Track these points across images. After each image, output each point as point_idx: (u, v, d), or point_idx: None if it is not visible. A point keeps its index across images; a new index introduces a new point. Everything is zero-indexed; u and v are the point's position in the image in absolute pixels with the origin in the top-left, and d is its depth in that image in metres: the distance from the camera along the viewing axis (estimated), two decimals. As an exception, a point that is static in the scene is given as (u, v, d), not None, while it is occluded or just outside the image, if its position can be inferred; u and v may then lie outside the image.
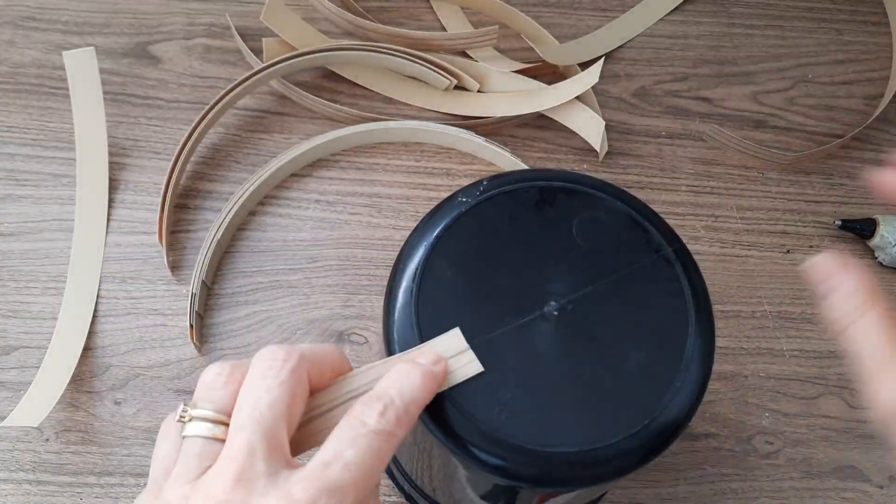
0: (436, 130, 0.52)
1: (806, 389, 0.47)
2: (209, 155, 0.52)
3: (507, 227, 0.31)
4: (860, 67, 0.58)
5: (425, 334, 0.29)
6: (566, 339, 0.29)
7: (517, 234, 0.31)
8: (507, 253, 0.30)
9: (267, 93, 0.55)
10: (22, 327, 0.47)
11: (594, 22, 0.59)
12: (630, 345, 0.29)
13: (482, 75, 0.54)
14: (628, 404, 0.28)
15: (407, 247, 0.31)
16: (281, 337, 0.47)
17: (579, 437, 0.27)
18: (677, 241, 0.31)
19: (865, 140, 0.55)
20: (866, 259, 0.51)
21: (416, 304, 0.29)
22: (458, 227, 0.31)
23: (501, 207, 0.31)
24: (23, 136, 0.52)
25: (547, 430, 0.27)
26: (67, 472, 0.44)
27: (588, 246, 0.30)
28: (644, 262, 0.30)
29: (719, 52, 0.58)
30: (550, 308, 0.29)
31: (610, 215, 0.31)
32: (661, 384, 0.28)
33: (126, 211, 0.51)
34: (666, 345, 0.29)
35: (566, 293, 0.29)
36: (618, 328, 0.29)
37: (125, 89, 0.54)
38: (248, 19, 0.56)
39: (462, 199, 0.32)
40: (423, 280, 0.30)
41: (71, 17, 0.57)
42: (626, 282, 0.30)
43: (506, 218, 0.31)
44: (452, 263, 0.30)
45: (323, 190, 0.52)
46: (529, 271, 0.30)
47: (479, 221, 0.31)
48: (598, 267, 0.30)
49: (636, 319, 0.29)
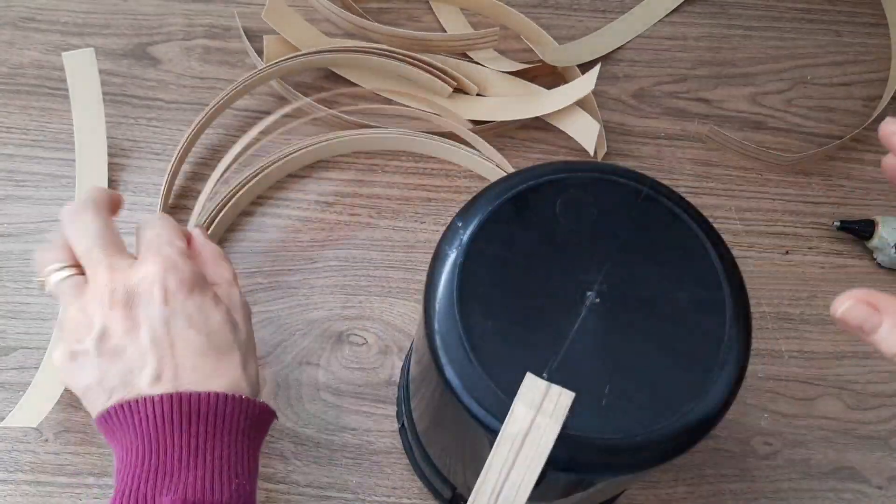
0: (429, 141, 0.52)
1: (805, 390, 0.47)
2: (208, 156, 0.52)
3: (539, 221, 0.31)
4: (859, 69, 0.58)
5: (472, 341, 0.29)
6: (605, 329, 0.29)
7: (550, 228, 0.31)
8: (542, 247, 0.30)
9: (266, 94, 0.55)
10: (21, 328, 0.47)
11: (593, 23, 0.59)
12: (668, 335, 0.29)
13: (481, 78, 0.54)
14: (667, 393, 0.28)
15: (440, 251, 0.31)
16: (280, 337, 0.47)
17: (619, 424, 0.27)
18: (713, 232, 0.31)
19: (864, 141, 0.55)
20: (865, 260, 0.51)
21: (459, 310, 0.29)
22: (490, 226, 0.31)
23: (531, 202, 0.31)
24: (22, 136, 0.52)
25: (585, 418, 0.27)
26: (66, 473, 0.44)
27: (624, 237, 0.31)
28: (679, 250, 0.30)
29: (718, 54, 0.58)
30: (590, 298, 0.29)
31: (644, 205, 0.31)
32: (699, 373, 0.28)
33: (125, 212, 0.50)
34: (704, 334, 0.29)
35: (603, 283, 0.29)
36: (655, 318, 0.29)
37: (124, 90, 0.54)
38: (247, 20, 0.56)
39: (489, 198, 0.32)
40: (462, 284, 0.30)
41: (70, 18, 0.57)
42: (663, 271, 0.30)
43: (537, 212, 0.31)
44: (489, 263, 0.30)
45: (322, 191, 0.52)
46: (565, 263, 0.30)
47: (509, 218, 0.31)
48: (635, 257, 0.30)
49: (673, 309, 0.29)
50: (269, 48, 0.53)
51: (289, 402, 0.46)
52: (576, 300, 0.29)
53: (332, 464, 0.45)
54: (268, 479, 0.44)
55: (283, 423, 0.45)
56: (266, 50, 0.53)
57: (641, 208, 0.31)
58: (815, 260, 0.51)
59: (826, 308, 0.50)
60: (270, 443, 0.45)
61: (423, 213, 0.51)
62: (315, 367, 0.47)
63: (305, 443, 0.45)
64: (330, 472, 0.44)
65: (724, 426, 0.46)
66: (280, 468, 0.44)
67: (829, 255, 0.52)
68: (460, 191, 0.52)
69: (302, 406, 0.46)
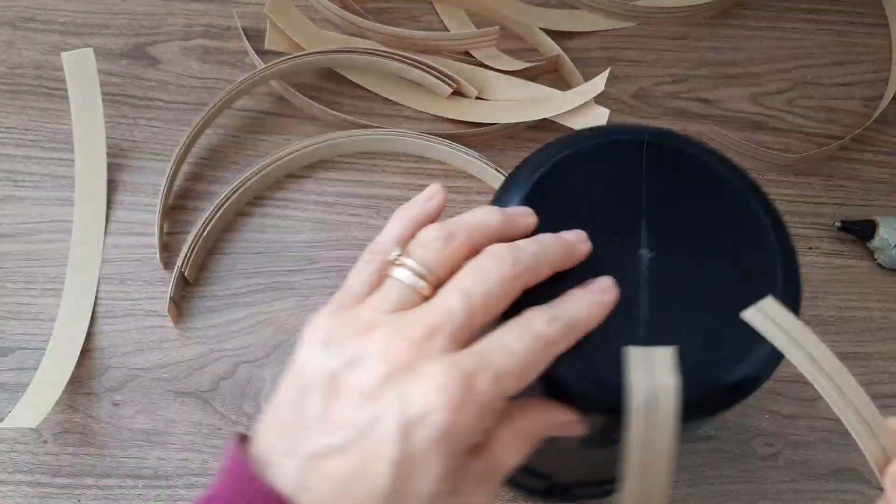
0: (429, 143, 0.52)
1: (806, 391, 0.47)
2: (207, 156, 0.52)
3: (602, 177, 0.32)
4: (860, 69, 0.58)
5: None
6: (666, 281, 0.30)
7: (610, 185, 0.31)
8: (602, 202, 0.31)
9: (266, 94, 0.55)
10: (20, 328, 0.47)
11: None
12: (718, 292, 0.30)
13: (484, 80, 0.54)
14: (737, 329, 0.28)
15: (505, 188, 0.32)
16: (280, 338, 0.47)
17: (713, 361, 0.28)
18: (765, 198, 0.32)
19: (865, 141, 0.55)
20: (865, 261, 0.51)
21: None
22: (555, 173, 0.31)
23: (597, 159, 0.32)
24: (21, 137, 0.52)
25: (688, 362, 0.28)
26: (65, 474, 0.44)
27: (680, 200, 0.31)
28: (733, 214, 0.31)
29: (719, 54, 0.58)
30: (644, 256, 0.30)
31: (702, 172, 0.32)
32: (747, 333, 0.28)
33: (124, 212, 0.50)
34: (754, 274, 0.30)
35: (653, 238, 0.30)
36: (706, 275, 0.30)
37: (124, 90, 0.54)
38: (247, 20, 0.56)
39: (557, 148, 0.32)
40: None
41: (69, 18, 0.56)
42: (715, 232, 0.31)
43: (600, 169, 0.32)
44: (549, 208, 0.30)
45: (322, 191, 0.52)
46: (623, 219, 0.31)
47: (574, 170, 0.32)
48: (676, 209, 0.31)
49: (724, 268, 0.30)
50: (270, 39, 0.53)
51: (288, 403, 0.46)
52: (633, 260, 0.30)
53: (332, 465, 0.44)
54: (267, 480, 0.44)
55: (283, 424, 0.45)
56: (268, 40, 0.53)
57: (677, 165, 0.32)
58: (815, 260, 0.51)
59: (827, 308, 0.50)
60: (270, 444, 0.45)
61: (423, 214, 0.51)
62: (315, 367, 0.47)
63: (305, 444, 0.45)
64: (330, 474, 0.44)
65: (725, 427, 0.46)
66: (280, 469, 0.44)
67: (829, 256, 0.51)
68: (460, 192, 0.52)
69: (301, 407, 0.46)
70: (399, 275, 0.26)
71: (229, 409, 0.46)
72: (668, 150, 0.32)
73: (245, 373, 0.46)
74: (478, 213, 0.28)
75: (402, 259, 0.27)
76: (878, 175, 0.54)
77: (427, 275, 0.26)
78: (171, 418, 0.45)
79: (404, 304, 0.26)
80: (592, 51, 0.57)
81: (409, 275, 0.26)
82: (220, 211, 0.49)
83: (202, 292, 0.48)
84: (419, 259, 0.26)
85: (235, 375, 0.46)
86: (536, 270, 0.27)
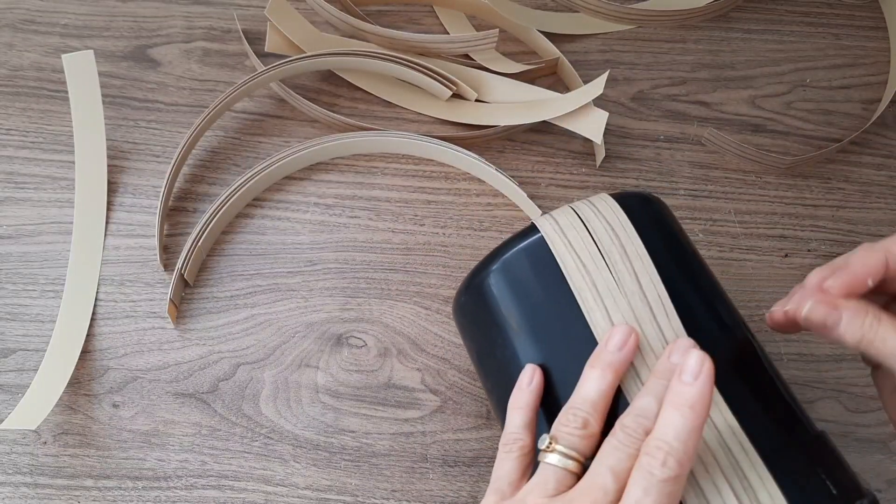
0: (429, 144, 0.52)
1: (804, 393, 0.47)
2: (207, 158, 0.53)
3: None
4: (858, 72, 0.58)
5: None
6: None
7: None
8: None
9: (266, 96, 0.55)
10: (20, 330, 0.47)
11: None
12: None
13: (484, 82, 0.54)
14: None
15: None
16: (279, 340, 0.47)
17: None
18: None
19: (863, 144, 0.55)
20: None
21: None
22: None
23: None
24: (22, 138, 0.53)
25: None
26: (65, 476, 0.44)
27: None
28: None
29: (717, 57, 0.58)
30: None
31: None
32: None
33: (125, 214, 0.51)
34: None
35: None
36: None
37: (124, 92, 0.54)
38: (247, 22, 0.56)
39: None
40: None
41: (70, 21, 0.57)
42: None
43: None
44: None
45: (322, 193, 0.52)
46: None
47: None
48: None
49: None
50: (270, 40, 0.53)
51: (288, 405, 0.46)
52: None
53: (332, 466, 0.45)
54: (267, 481, 0.44)
55: (283, 426, 0.45)
56: (268, 41, 0.53)
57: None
58: (814, 263, 0.51)
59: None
60: (269, 445, 0.45)
61: (422, 216, 0.51)
62: (314, 369, 0.47)
63: (304, 445, 0.45)
64: (329, 475, 0.44)
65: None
66: (279, 470, 0.44)
67: (828, 258, 0.52)
68: (460, 193, 0.52)
69: (301, 408, 0.46)
70: (552, 460, 0.30)
71: (229, 410, 0.46)
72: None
73: (245, 374, 0.46)
74: (591, 386, 0.31)
75: (553, 446, 0.30)
76: (877, 178, 0.54)
77: (577, 456, 0.30)
78: (171, 420, 0.45)
79: (561, 485, 0.30)
80: (591, 53, 0.58)
81: (561, 458, 0.30)
82: (219, 213, 0.49)
83: (202, 294, 0.49)
84: (567, 444, 0.30)
85: (235, 377, 0.46)
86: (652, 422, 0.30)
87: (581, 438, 0.30)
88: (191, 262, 0.47)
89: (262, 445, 0.45)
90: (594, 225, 0.34)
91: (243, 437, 0.45)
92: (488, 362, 0.37)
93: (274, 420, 0.46)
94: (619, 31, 0.59)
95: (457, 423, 0.46)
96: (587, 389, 0.31)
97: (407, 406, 0.46)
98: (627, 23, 0.58)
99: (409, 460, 0.45)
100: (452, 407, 0.46)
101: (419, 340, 0.47)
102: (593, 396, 0.31)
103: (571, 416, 0.31)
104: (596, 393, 0.31)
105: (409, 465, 0.45)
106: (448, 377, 0.47)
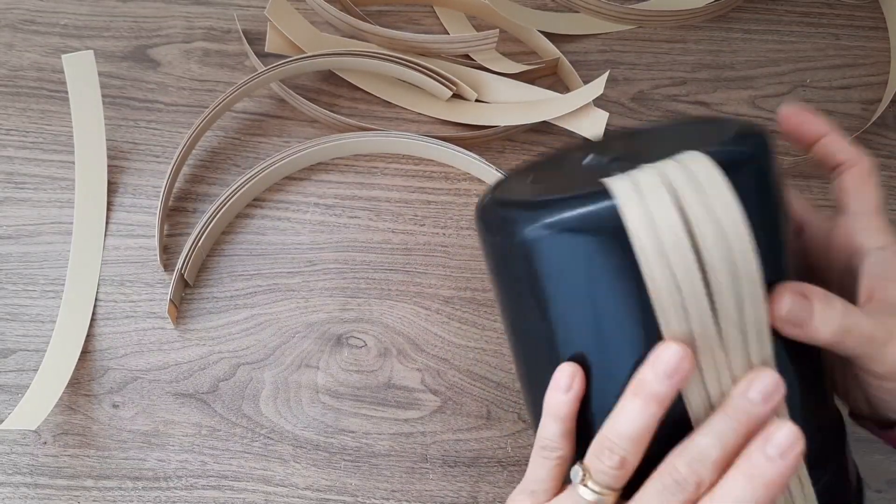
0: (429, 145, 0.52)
1: (804, 393, 0.47)
2: (207, 158, 0.53)
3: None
4: (858, 72, 0.58)
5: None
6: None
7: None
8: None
9: (266, 96, 0.55)
10: (20, 330, 0.47)
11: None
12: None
13: (484, 83, 0.54)
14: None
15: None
16: (279, 340, 0.47)
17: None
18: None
19: (863, 144, 0.55)
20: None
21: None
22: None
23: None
24: (22, 139, 0.53)
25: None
26: (65, 476, 0.44)
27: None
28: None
29: (718, 57, 0.58)
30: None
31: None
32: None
33: (125, 214, 0.51)
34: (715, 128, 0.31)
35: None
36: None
37: (124, 92, 0.54)
38: (247, 22, 0.56)
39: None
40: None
41: (70, 21, 0.57)
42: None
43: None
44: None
45: (322, 193, 0.52)
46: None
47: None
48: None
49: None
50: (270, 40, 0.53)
51: (288, 405, 0.46)
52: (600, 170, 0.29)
53: (332, 466, 0.45)
54: (267, 481, 0.44)
55: (283, 426, 0.45)
56: (268, 42, 0.53)
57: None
58: (814, 263, 0.51)
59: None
60: (269, 445, 0.45)
61: (422, 216, 0.51)
62: (314, 369, 0.47)
63: (304, 445, 0.45)
64: (329, 475, 0.44)
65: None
66: (279, 471, 0.44)
67: (828, 259, 0.52)
68: (460, 193, 0.52)
69: (301, 409, 0.46)
70: (586, 495, 0.29)
71: (229, 410, 0.46)
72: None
73: (244, 374, 0.46)
74: (631, 419, 0.28)
75: (587, 481, 0.29)
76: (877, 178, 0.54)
77: (609, 493, 0.29)
78: (171, 420, 0.45)
79: None
80: (591, 54, 0.58)
81: (595, 495, 0.29)
82: (219, 213, 0.49)
83: (202, 294, 0.49)
84: (601, 482, 0.29)
85: (235, 377, 0.46)
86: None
87: (617, 478, 0.28)
88: (191, 262, 0.47)
89: (262, 446, 0.45)
90: (690, 201, 0.24)
91: (243, 438, 0.45)
92: (515, 319, 0.31)
93: (274, 420, 0.46)
94: (619, 32, 0.59)
95: (457, 423, 0.46)
96: (626, 424, 0.27)
97: (407, 406, 0.46)
98: (627, 23, 0.58)
99: (409, 460, 0.45)
100: (452, 407, 0.46)
101: (419, 341, 0.47)
102: (633, 433, 0.27)
103: (608, 452, 0.28)
104: (636, 430, 0.27)
105: (409, 466, 0.45)
106: (448, 377, 0.47)
